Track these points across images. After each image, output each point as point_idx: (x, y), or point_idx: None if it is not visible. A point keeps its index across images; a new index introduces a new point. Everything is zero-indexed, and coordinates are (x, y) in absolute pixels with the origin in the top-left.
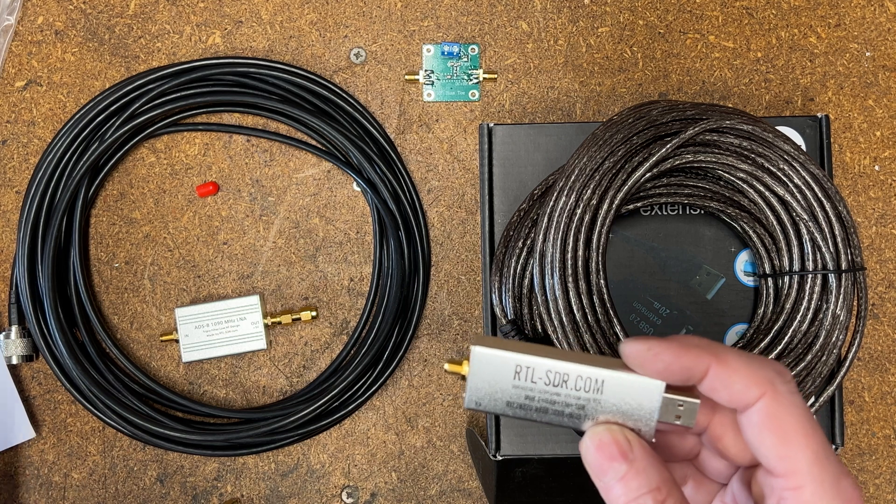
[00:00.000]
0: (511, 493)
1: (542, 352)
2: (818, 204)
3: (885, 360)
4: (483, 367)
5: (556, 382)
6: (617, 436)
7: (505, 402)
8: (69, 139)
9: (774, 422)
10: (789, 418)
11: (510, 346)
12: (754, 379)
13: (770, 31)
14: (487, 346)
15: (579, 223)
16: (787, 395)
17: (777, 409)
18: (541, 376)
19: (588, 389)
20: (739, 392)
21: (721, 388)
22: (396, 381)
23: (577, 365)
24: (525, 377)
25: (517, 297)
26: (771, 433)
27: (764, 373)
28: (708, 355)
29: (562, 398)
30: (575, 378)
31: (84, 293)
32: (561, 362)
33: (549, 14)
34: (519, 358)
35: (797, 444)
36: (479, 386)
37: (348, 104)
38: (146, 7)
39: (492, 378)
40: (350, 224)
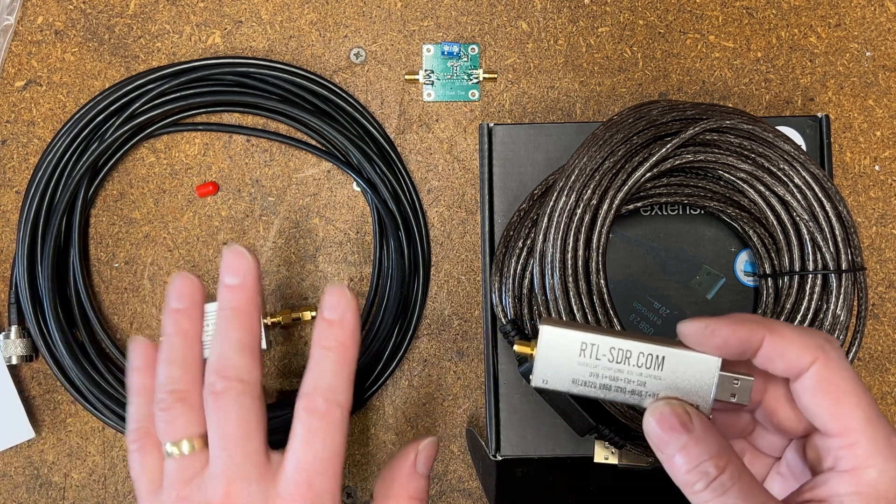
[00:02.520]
0: (511, 493)
1: (605, 332)
2: (818, 204)
3: (885, 360)
4: (551, 345)
5: (620, 359)
6: (677, 409)
7: (570, 378)
8: (69, 139)
9: (828, 384)
10: (841, 381)
11: (575, 326)
12: (807, 346)
13: (770, 31)
14: (556, 325)
15: (579, 223)
16: (837, 360)
17: (829, 372)
18: (605, 353)
19: (649, 366)
20: (794, 359)
21: (776, 357)
22: (396, 381)
23: (639, 342)
24: (590, 354)
25: (517, 297)
26: (825, 395)
27: (815, 340)
28: (761, 327)
29: (624, 374)
30: (637, 354)
31: (84, 293)
32: (624, 340)
33: (549, 14)
34: (584, 336)
35: (850, 404)
36: (547, 364)
37: (348, 104)
38: (146, 7)
39: (559, 355)
40: (350, 224)
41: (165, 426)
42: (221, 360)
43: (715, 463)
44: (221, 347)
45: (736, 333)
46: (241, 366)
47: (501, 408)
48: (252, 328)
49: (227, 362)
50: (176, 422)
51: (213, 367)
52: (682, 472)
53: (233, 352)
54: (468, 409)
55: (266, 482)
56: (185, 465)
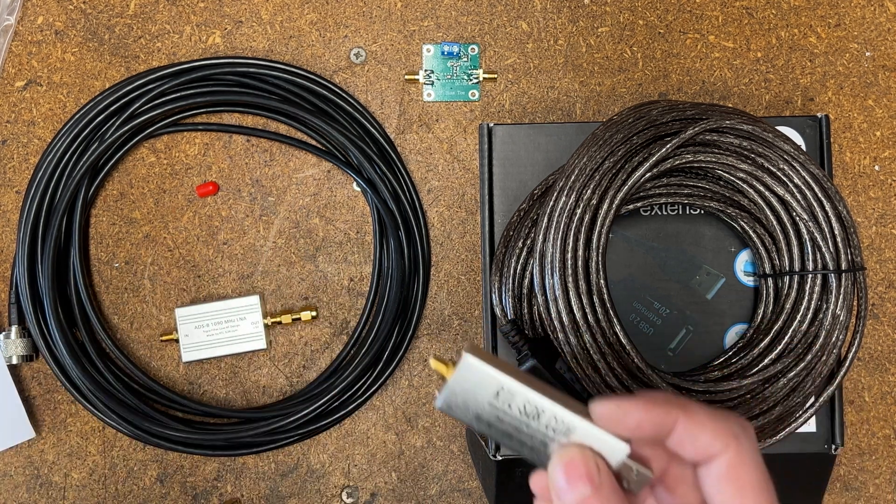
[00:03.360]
0: (511, 493)
1: (527, 381)
2: (818, 204)
3: (885, 360)
4: (468, 376)
5: (531, 415)
6: (588, 459)
7: (476, 414)
8: (69, 139)
9: (734, 474)
10: (748, 474)
11: (499, 365)
12: (720, 433)
13: (770, 31)
14: (479, 358)
15: (579, 223)
16: (748, 451)
17: (739, 463)
18: (518, 404)
19: (557, 430)
20: (705, 445)
21: (688, 442)
22: (396, 381)
23: (555, 405)
24: (503, 400)
25: (517, 297)
26: (729, 485)
27: (729, 427)
28: (676, 409)
29: (530, 430)
30: (549, 416)
31: (84, 293)
32: (541, 398)
33: (549, 14)
34: (505, 380)
35: (753, 497)
36: (457, 392)
37: (348, 104)
38: (146, 7)
39: (472, 389)
40: (350, 224)
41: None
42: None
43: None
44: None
45: (649, 416)
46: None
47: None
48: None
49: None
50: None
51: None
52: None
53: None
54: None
55: None
56: None
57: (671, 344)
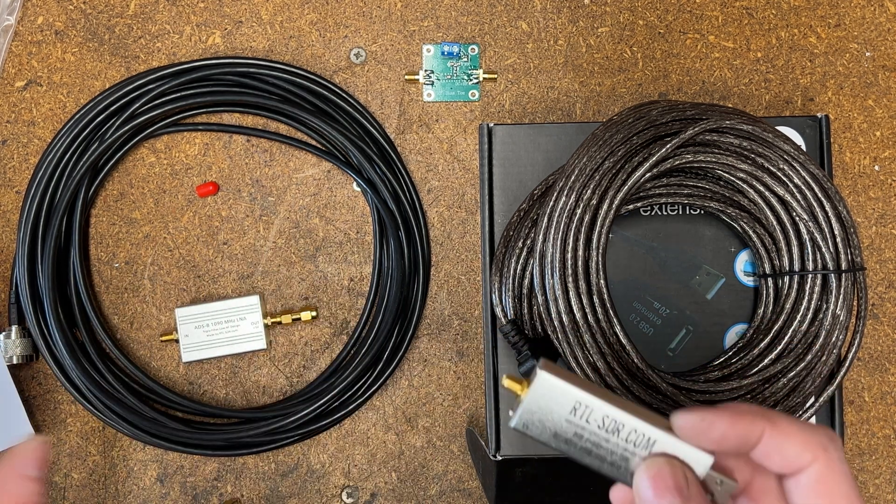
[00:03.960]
0: (511, 493)
1: (603, 395)
2: (818, 204)
3: (885, 360)
4: (544, 393)
5: (610, 429)
6: (677, 469)
7: (553, 432)
8: (69, 139)
9: (824, 487)
10: (839, 485)
11: (574, 379)
12: (808, 444)
13: (770, 31)
14: (554, 374)
15: (579, 223)
16: (838, 462)
17: (829, 474)
18: (597, 419)
19: (638, 444)
20: (793, 457)
21: (775, 453)
22: (396, 381)
23: (635, 419)
24: (581, 415)
25: (517, 297)
26: (820, 498)
27: (818, 438)
28: (762, 420)
29: (610, 445)
30: (629, 430)
31: (84, 293)
32: (621, 412)
33: (549, 14)
34: (581, 395)
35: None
36: (534, 410)
37: (348, 104)
38: (146, 7)
39: (548, 406)
40: (350, 224)
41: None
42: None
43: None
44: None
45: (734, 428)
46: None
47: (501, 408)
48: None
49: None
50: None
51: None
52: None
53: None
54: (468, 409)
55: None
56: None
57: (671, 344)
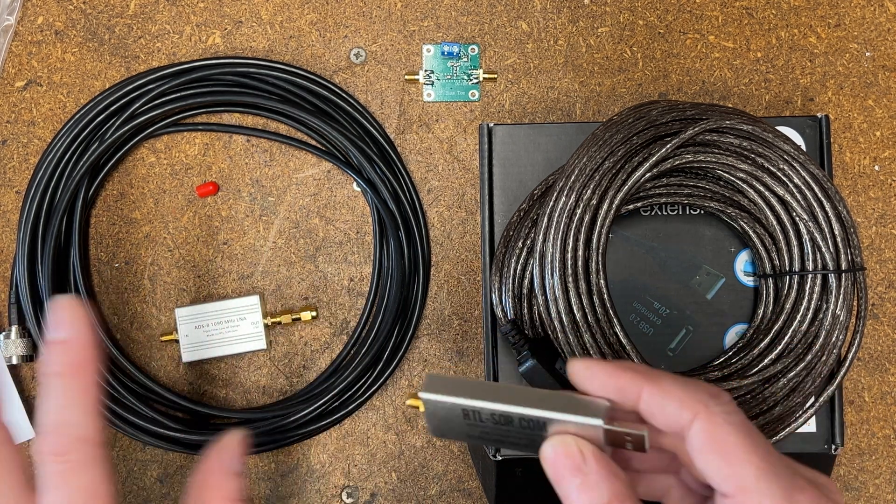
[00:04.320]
0: (511, 493)
1: (487, 393)
2: (818, 204)
3: (885, 360)
4: (435, 410)
5: (503, 422)
6: (570, 448)
7: (465, 433)
8: (69, 139)
9: (713, 442)
10: (728, 437)
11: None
12: (685, 401)
13: (770, 31)
14: (434, 393)
15: (579, 223)
16: (721, 415)
17: (713, 428)
18: (487, 417)
19: (533, 427)
20: (673, 414)
21: (657, 412)
22: (396, 381)
23: (518, 407)
24: (474, 417)
25: (517, 297)
26: (713, 453)
27: (697, 395)
28: (642, 378)
29: (513, 433)
30: (518, 419)
31: (84, 293)
32: (501, 406)
33: (549, 14)
34: (464, 402)
35: (739, 460)
36: (436, 422)
37: (348, 104)
38: (146, 7)
39: (446, 418)
40: (350, 224)
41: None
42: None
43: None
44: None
45: (612, 379)
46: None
47: None
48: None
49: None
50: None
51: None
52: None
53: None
54: None
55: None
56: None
57: (671, 344)
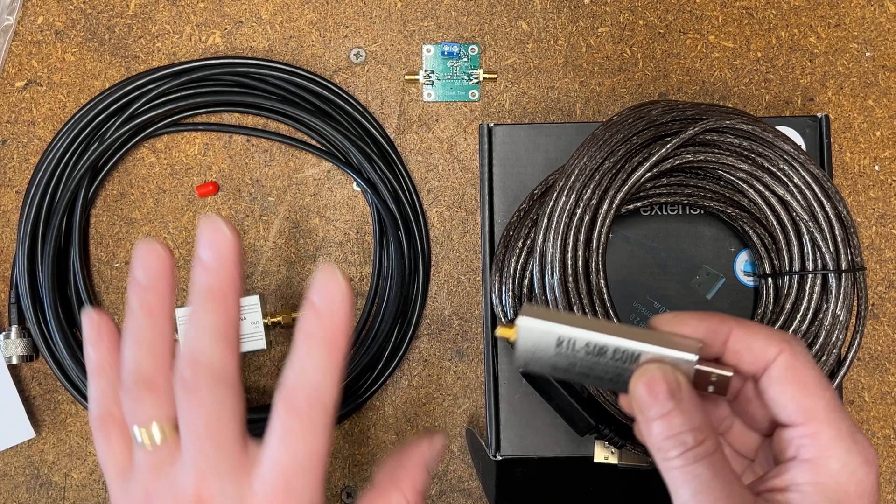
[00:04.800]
0: (511, 493)
1: (583, 323)
2: (818, 204)
3: (885, 360)
4: (529, 336)
5: (596, 353)
6: (668, 374)
7: (550, 365)
8: (69, 139)
9: (793, 374)
10: (806, 371)
11: (556, 317)
12: (772, 338)
13: (770, 31)
14: (534, 317)
15: (579, 223)
16: (802, 352)
17: (795, 362)
18: (581, 347)
19: (625, 360)
20: (760, 350)
21: (744, 350)
22: (396, 381)
23: (615, 338)
24: (567, 346)
25: (517, 297)
26: (790, 384)
27: (780, 334)
28: (731, 319)
29: (601, 366)
30: (612, 350)
31: (84, 293)
32: (600, 335)
33: (549, 14)
34: (561, 329)
35: (814, 393)
36: (526, 351)
37: (348, 104)
38: (146, 7)
39: (536, 346)
40: (350, 224)
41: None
42: (193, 347)
43: (694, 435)
44: (193, 333)
45: (703, 323)
46: (214, 354)
47: (501, 408)
48: (228, 311)
49: (200, 350)
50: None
51: (185, 355)
52: (660, 437)
53: (206, 338)
54: (468, 409)
55: (240, 477)
56: (155, 455)
57: None
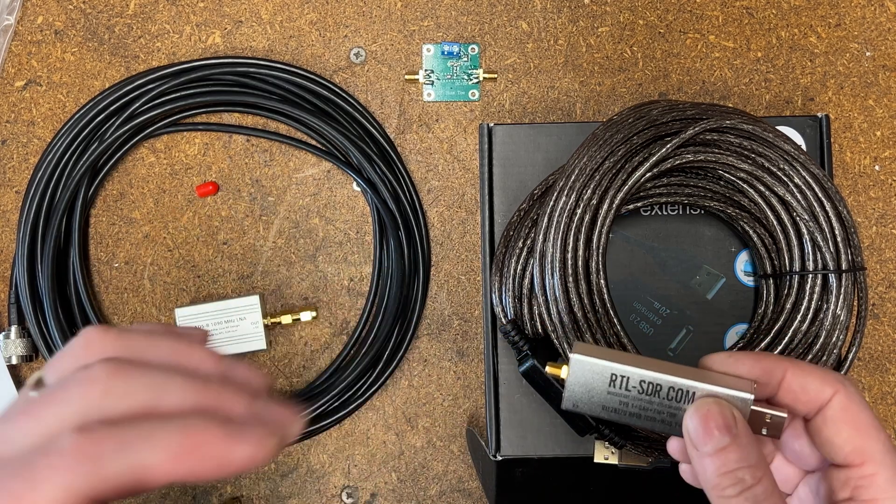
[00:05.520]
0: (511, 493)
1: (637, 362)
2: (818, 204)
3: (885, 360)
4: (581, 373)
5: (650, 392)
6: (724, 409)
7: (601, 405)
8: (69, 139)
9: (849, 415)
10: (861, 413)
11: (607, 354)
12: (827, 379)
13: (770, 31)
14: (586, 354)
15: (579, 223)
16: (856, 395)
17: (850, 403)
18: (635, 385)
19: (680, 399)
20: (815, 391)
21: (799, 391)
22: (396, 381)
23: (670, 377)
24: (620, 385)
25: (517, 297)
26: (846, 425)
27: (833, 375)
28: (786, 360)
29: (654, 405)
30: (667, 388)
31: (84, 293)
32: (655, 373)
33: (549, 14)
34: (615, 367)
35: (870, 435)
36: (577, 390)
37: (348, 104)
38: (146, 7)
39: (588, 384)
40: (350, 224)
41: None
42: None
43: (752, 473)
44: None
45: (759, 363)
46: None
47: (501, 408)
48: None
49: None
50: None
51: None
52: (716, 473)
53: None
54: (468, 409)
55: None
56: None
57: (671, 344)
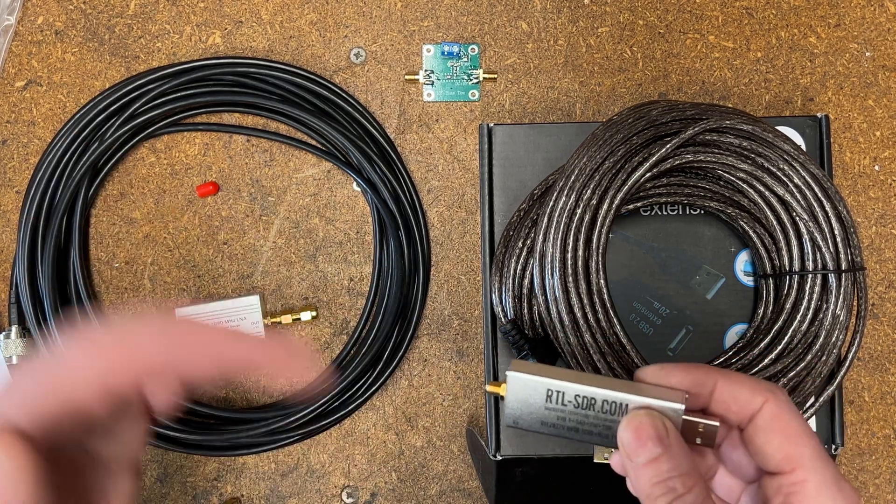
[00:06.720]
0: (511, 493)
1: (571, 377)
2: (818, 204)
3: (885, 360)
4: (519, 390)
5: (585, 406)
6: (656, 420)
7: (540, 421)
8: (69, 139)
9: (779, 423)
10: (791, 420)
11: (544, 371)
12: (757, 388)
13: (770, 31)
14: (522, 371)
15: (579, 223)
16: (786, 403)
17: (779, 411)
18: (570, 399)
19: (614, 412)
20: (746, 401)
21: (730, 400)
22: (396, 381)
23: (603, 390)
24: (556, 400)
25: (517, 297)
26: (776, 433)
27: (764, 385)
28: (715, 371)
29: (590, 419)
30: (601, 402)
31: (84, 293)
32: (589, 387)
33: (549, 14)
34: (550, 382)
35: (800, 442)
36: (516, 406)
37: (348, 104)
38: (146, 7)
39: (526, 400)
40: (350, 224)
41: None
42: None
43: (683, 481)
44: None
45: (689, 375)
46: None
47: (501, 407)
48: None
49: None
50: None
51: None
52: (648, 483)
53: None
54: (468, 409)
55: None
56: None
57: (671, 344)
